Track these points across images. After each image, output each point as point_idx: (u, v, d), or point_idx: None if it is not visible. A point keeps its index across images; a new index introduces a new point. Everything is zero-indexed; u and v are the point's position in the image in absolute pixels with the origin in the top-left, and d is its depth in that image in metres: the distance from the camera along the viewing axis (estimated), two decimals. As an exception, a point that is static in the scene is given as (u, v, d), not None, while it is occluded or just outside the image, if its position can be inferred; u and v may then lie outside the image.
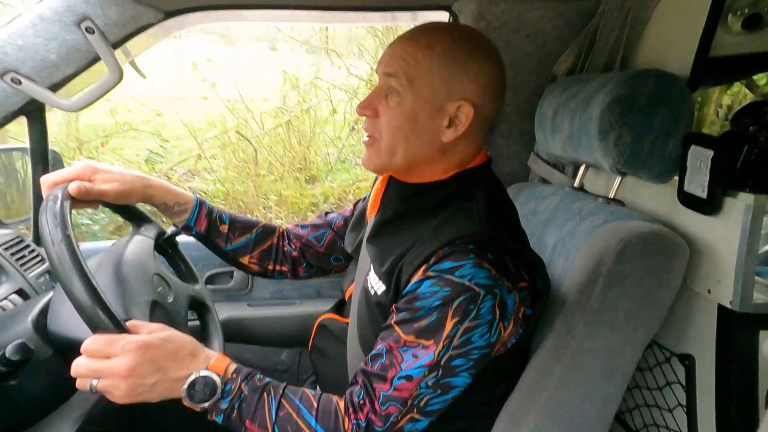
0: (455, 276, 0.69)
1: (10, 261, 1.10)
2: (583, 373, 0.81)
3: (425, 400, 0.71)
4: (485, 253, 0.70)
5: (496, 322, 0.71)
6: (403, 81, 0.75)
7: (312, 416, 0.71)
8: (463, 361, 0.71)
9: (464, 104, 0.75)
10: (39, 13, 1.02)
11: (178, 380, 0.70)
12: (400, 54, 0.76)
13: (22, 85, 1.06)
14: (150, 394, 0.69)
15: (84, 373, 0.68)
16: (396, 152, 0.78)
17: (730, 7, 1.00)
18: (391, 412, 0.70)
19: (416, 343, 0.70)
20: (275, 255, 1.09)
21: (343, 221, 1.12)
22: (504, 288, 0.71)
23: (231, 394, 0.71)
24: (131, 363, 0.67)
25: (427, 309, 0.70)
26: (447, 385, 0.71)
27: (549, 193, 1.12)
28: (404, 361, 0.70)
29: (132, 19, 1.10)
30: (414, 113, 0.75)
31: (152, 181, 0.96)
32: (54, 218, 0.71)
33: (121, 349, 0.67)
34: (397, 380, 0.70)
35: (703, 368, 0.90)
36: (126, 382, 0.67)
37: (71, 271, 0.67)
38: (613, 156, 0.93)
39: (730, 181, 0.82)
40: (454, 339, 0.69)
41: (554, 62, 1.29)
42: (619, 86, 0.91)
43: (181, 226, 1.03)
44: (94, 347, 0.68)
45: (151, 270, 0.92)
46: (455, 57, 0.74)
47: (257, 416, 0.71)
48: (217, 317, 1.03)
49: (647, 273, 0.80)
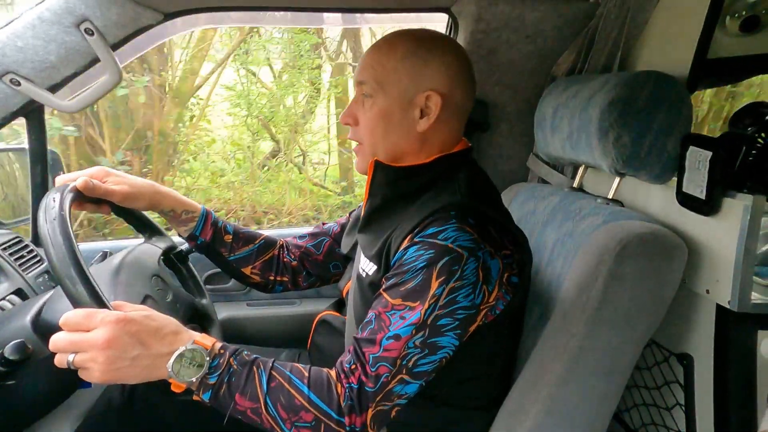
0: (438, 239, 0.73)
1: (8, 261, 1.10)
2: (582, 371, 0.81)
3: (414, 360, 0.72)
4: (467, 218, 0.74)
5: (480, 284, 0.73)
6: (373, 85, 0.82)
7: (304, 384, 0.71)
8: (449, 320, 0.72)
9: (432, 94, 0.81)
10: (38, 15, 1.02)
11: (160, 356, 0.67)
12: (368, 62, 0.83)
13: (21, 86, 1.06)
14: (130, 369, 0.66)
15: (62, 347, 0.66)
16: (378, 150, 0.85)
17: (728, 9, 1.00)
18: (381, 373, 0.71)
19: (403, 305, 0.72)
20: (276, 266, 1.11)
21: (339, 228, 1.14)
22: (486, 252, 0.74)
23: (219, 368, 0.69)
24: (110, 335, 0.64)
25: (413, 272, 0.73)
26: (434, 345, 0.72)
27: (548, 194, 1.12)
28: (392, 323, 0.72)
29: (131, 20, 1.10)
30: (388, 111, 0.82)
31: (161, 188, 0.98)
32: (52, 202, 0.73)
33: (100, 321, 0.65)
34: (385, 341, 0.71)
35: (702, 368, 0.90)
36: (104, 354, 0.64)
37: (60, 246, 0.67)
38: (613, 156, 0.94)
39: (729, 181, 0.82)
40: (440, 299, 0.71)
41: (553, 63, 1.30)
42: (619, 87, 0.92)
43: (187, 235, 1.04)
44: (73, 320, 0.66)
45: (152, 271, 0.93)
46: (417, 54, 0.81)
47: (248, 389, 0.70)
48: (220, 333, 1.04)
49: (646, 273, 0.80)
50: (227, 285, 1.53)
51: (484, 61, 1.30)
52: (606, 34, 1.16)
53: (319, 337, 1.05)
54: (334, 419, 0.69)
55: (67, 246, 0.68)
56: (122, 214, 0.99)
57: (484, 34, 1.26)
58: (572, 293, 0.84)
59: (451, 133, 0.86)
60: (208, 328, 1.03)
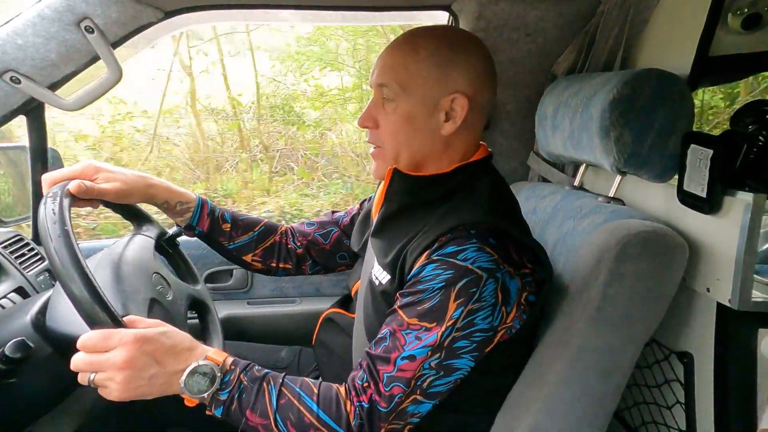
0: (458, 259, 0.71)
1: (9, 259, 1.10)
2: (583, 370, 0.81)
3: (428, 381, 0.71)
4: (487, 239, 0.72)
5: (499, 306, 0.72)
6: (395, 88, 0.78)
7: (313, 401, 0.71)
8: (466, 342, 0.71)
9: (458, 96, 0.78)
10: (39, 12, 1.02)
11: (175, 374, 0.69)
12: (390, 64, 0.80)
13: (21, 84, 1.06)
14: (147, 388, 0.68)
15: (82, 368, 0.68)
16: (400, 155, 0.81)
17: (729, 6, 1.00)
18: (395, 393, 0.70)
19: (419, 325, 0.71)
20: (278, 252, 1.10)
21: (349, 219, 1.12)
22: (506, 273, 0.72)
23: (230, 384, 0.71)
24: (128, 355, 0.66)
25: (430, 291, 0.71)
26: (450, 367, 0.72)
27: (549, 192, 1.12)
28: (407, 343, 0.71)
29: (132, 18, 1.10)
30: (411, 115, 0.79)
31: (154, 180, 0.96)
32: (53, 215, 0.72)
33: (117, 342, 0.67)
34: (400, 361, 0.70)
35: (702, 366, 0.90)
36: (123, 374, 0.66)
37: (69, 267, 0.67)
38: (614, 155, 0.93)
39: (730, 180, 0.82)
40: (458, 321, 0.70)
41: (554, 61, 1.30)
42: (620, 85, 0.91)
43: (184, 226, 1.03)
44: (90, 342, 0.68)
45: (151, 268, 0.92)
46: (441, 55, 0.78)
47: (258, 405, 0.70)
48: (217, 317, 1.03)
49: (647, 271, 0.80)
50: (228, 284, 1.53)
51: (485, 60, 1.30)
52: (607, 32, 1.16)
53: (325, 334, 1.05)
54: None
55: (76, 267, 0.67)
56: (110, 205, 0.97)
57: (485, 33, 1.25)
58: (573, 292, 0.84)
59: (474, 137, 0.84)
60: (205, 314, 1.03)
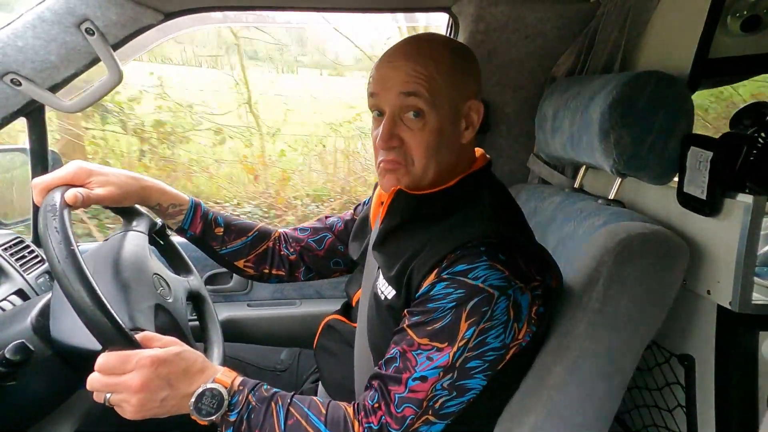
0: (468, 278, 0.70)
1: (9, 262, 1.10)
2: (584, 373, 0.81)
3: (440, 402, 0.71)
4: (497, 255, 0.71)
5: (511, 323, 0.71)
6: (426, 98, 0.75)
7: (321, 422, 0.71)
8: (479, 362, 0.71)
9: (473, 102, 0.80)
10: (39, 15, 1.02)
11: (186, 396, 0.70)
12: (417, 73, 0.75)
13: (22, 86, 1.06)
14: (159, 410, 0.70)
15: (99, 389, 0.69)
16: (429, 169, 0.79)
17: (729, 8, 1.00)
18: (407, 415, 0.70)
19: (430, 345, 0.70)
20: (271, 258, 1.09)
21: (344, 225, 1.11)
22: (517, 289, 0.71)
23: (239, 406, 0.71)
24: (144, 378, 0.67)
25: (441, 311, 0.70)
26: (462, 387, 0.71)
27: (549, 194, 1.12)
28: (419, 364, 0.70)
29: (132, 20, 1.10)
30: (440, 128, 0.77)
31: (147, 182, 0.95)
32: (56, 234, 0.70)
33: (134, 365, 0.68)
34: (411, 382, 0.70)
35: (703, 369, 0.90)
36: (137, 397, 0.68)
37: (80, 288, 0.66)
38: (614, 157, 0.93)
39: (730, 182, 0.82)
40: (470, 341, 0.69)
41: (554, 63, 1.30)
42: (620, 87, 0.91)
43: (176, 228, 1.02)
44: (108, 365, 0.68)
45: (150, 270, 0.92)
46: (458, 64, 0.78)
47: (266, 426, 0.71)
48: (213, 308, 1.04)
49: (647, 274, 0.80)
50: (228, 285, 1.53)
51: (485, 62, 1.30)
52: (606, 35, 1.16)
53: (326, 341, 1.04)
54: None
55: (87, 288, 0.66)
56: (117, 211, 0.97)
57: (485, 35, 1.26)
58: (573, 294, 0.84)
59: (474, 143, 0.84)
60: (201, 305, 1.03)
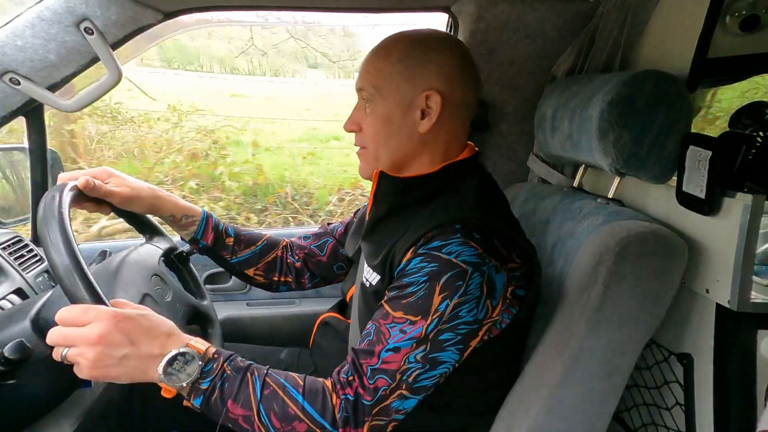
0: (442, 253, 0.71)
1: (8, 261, 1.10)
2: (583, 371, 0.81)
3: (414, 375, 0.71)
4: (472, 233, 0.73)
5: (484, 299, 0.72)
6: (371, 91, 0.82)
7: (299, 393, 0.71)
8: (451, 335, 0.71)
9: (432, 94, 0.80)
10: (38, 14, 1.02)
11: (151, 357, 0.67)
12: (366, 69, 0.83)
13: (21, 85, 1.06)
14: (118, 369, 0.66)
15: (56, 341, 0.67)
16: (380, 155, 0.84)
17: (728, 8, 1.00)
18: (380, 386, 0.70)
19: (404, 318, 0.71)
20: (280, 267, 1.12)
21: (344, 228, 1.14)
22: (492, 267, 0.72)
23: (212, 373, 0.69)
24: (102, 330, 0.65)
25: (415, 285, 0.72)
26: (435, 360, 0.71)
27: (548, 193, 1.12)
28: (392, 336, 0.71)
29: (131, 19, 1.10)
30: (388, 116, 0.82)
31: (161, 192, 0.99)
32: (52, 200, 0.72)
33: (94, 317, 0.66)
34: (384, 353, 0.71)
35: (702, 367, 0.90)
36: (94, 349, 0.65)
37: (59, 243, 0.67)
38: (613, 156, 0.93)
39: (729, 181, 0.82)
40: (444, 315, 0.70)
41: (554, 62, 1.30)
42: (619, 87, 0.92)
43: (188, 239, 1.05)
44: (68, 315, 0.67)
45: (152, 270, 0.92)
46: (413, 55, 0.80)
47: (240, 395, 0.69)
48: (220, 331, 1.04)
49: (646, 273, 0.80)
50: (227, 285, 1.53)
51: (484, 61, 1.30)
52: (606, 34, 1.16)
53: (321, 338, 1.05)
54: (328, 431, 0.69)
55: (65, 243, 0.67)
56: (123, 214, 0.99)
57: (484, 34, 1.26)
58: (572, 293, 0.84)
59: (455, 135, 0.85)
60: (208, 328, 1.03)
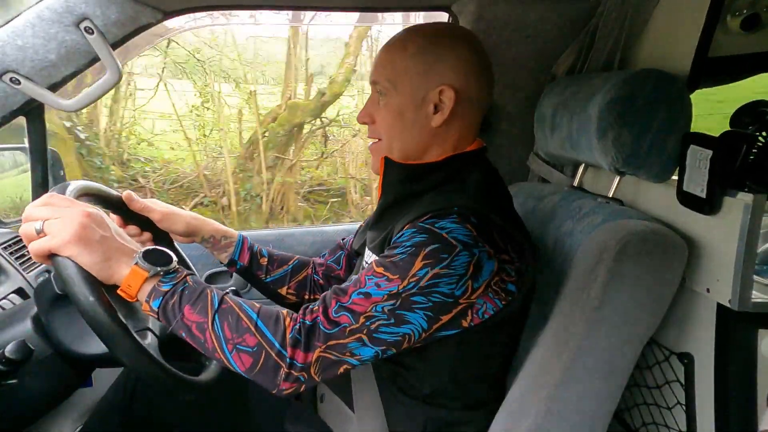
0: (435, 227, 0.73)
1: (9, 260, 1.10)
2: (583, 371, 0.81)
3: (377, 324, 0.72)
4: (469, 217, 0.74)
5: (466, 278, 0.72)
6: (385, 84, 0.83)
7: (254, 311, 0.73)
8: (423, 299, 0.72)
9: (445, 89, 0.81)
10: (38, 13, 1.02)
11: (128, 248, 0.72)
12: (380, 62, 0.85)
13: (21, 85, 1.06)
14: (96, 245, 0.68)
15: (35, 213, 0.69)
16: (393, 147, 0.86)
17: (728, 7, 1.00)
18: (342, 322, 0.71)
19: (382, 274, 0.73)
20: (310, 285, 1.14)
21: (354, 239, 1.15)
22: (484, 252, 0.73)
23: (175, 279, 0.72)
24: (89, 210, 0.70)
25: (401, 248, 0.74)
26: (401, 317, 0.72)
27: (548, 192, 1.12)
28: (366, 285, 0.73)
29: (131, 19, 1.10)
30: (401, 110, 0.83)
31: (200, 217, 1.04)
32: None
33: (78, 205, 0.70)
34: (356, 295, 0.72)
35: (702, 367, 0.90)
36: (79, 220, 0.68)
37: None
38: (612, 155, 0.93)
39: (729, 180, 0.82)
40: (421, 280, 0.71)
41: (554, 62, 1.30)
42: (619, 86, 0.91)
43: (227, 261, 1.07)
44: (51, 199, 0.70)
45: None
46: (428, 50, 0.82)
47: (198, 303, 0.71)
48: None
49: (646, 272, 0.80)
50: (227, 284, 1.52)
51: (485, 60, 1.30)
52: (606, 33, 1.16)
53: None
54: (276, 349, 0.70)
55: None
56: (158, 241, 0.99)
57: (485, 34, 1.26)
58: (572, 292, 0.84)
59: (467, 130, 0.87)
60: None
